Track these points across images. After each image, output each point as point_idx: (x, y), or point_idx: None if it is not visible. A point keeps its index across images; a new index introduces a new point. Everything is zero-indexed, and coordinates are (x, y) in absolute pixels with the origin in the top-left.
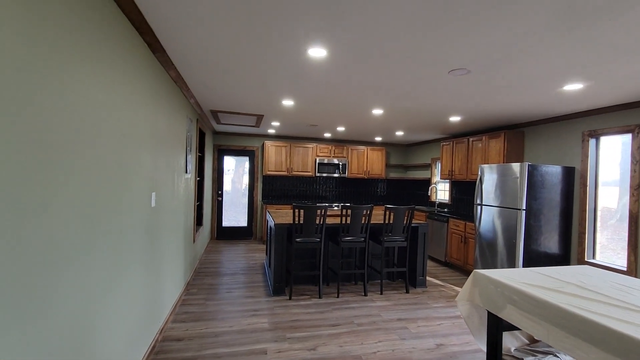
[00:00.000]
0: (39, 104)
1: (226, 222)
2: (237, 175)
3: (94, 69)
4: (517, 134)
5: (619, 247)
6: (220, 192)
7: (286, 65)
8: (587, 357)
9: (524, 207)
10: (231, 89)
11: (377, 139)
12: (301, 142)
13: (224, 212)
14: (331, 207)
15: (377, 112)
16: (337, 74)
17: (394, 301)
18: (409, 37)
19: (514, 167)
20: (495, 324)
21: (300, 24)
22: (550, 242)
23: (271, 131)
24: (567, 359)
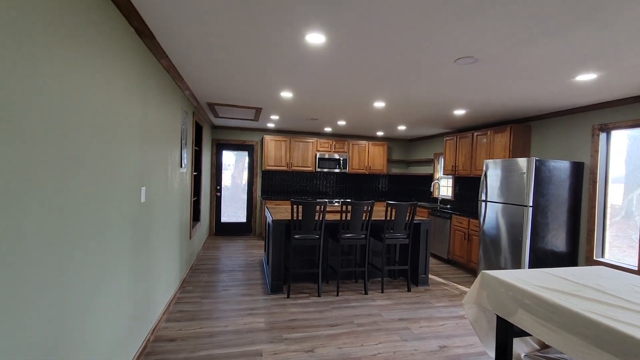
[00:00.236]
0: None
1: (225, 218)
2: (237, 170)
3: (68, 51)
4: (524, 128)
5: (625, 245)
6: (218, 188)
7: (284, 53)
8: None
9: (531, 203)
10: (227, 79)
11: (379, 133)
12: (301, 137)
13: (223, 208)
14: (331, 203)
15: (379, 104)
16: (337, 63)
17: (395, 300)
18: (414, 23)
19: (521, 163)
20: (504, 330)
21: (298, 6)
22: (557, 240)
23: (270, 125)
24: None
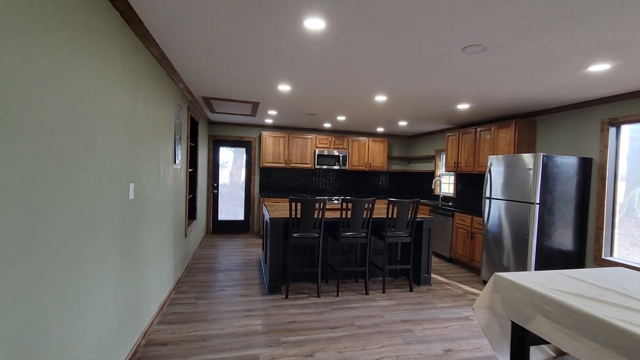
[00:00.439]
0: None
1: (222, 216)
2: (235, 167)
3: (39, 32)
4: (529, 123)
5: (627, 242)
6: (215, 185)
7: (281, 40)
8: None
9: (538, 200)
10: (222, 71)
11: (379, 129)
12: (300, 133)
13: (221, 206)
14: (331, 201)
15: (380, 98)
16: (337, 53)
17: (397, 300)
18: (420, 6)
19: (528, 158)
20: (520, 337)
21: None
22: (564, 239)
23: (268, 121)
24: None
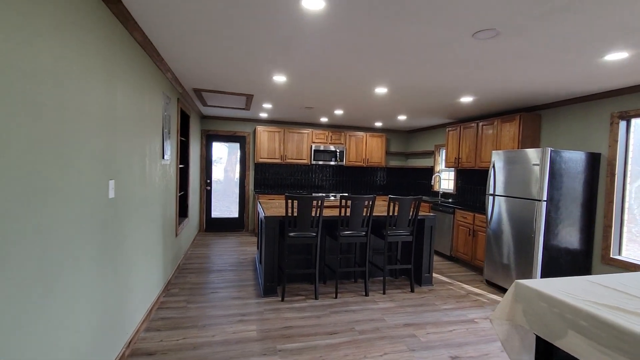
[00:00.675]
0: None
1: (216, 213)
2: (230, 163)
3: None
4: (534, 118)
5: (626, 239)
6: (209, 181)
7: (277, 23)
8: None
9: (545, 197)
10: (214, 60)
11: (377, 124)
12: (296, 127)
13: (214, 203)
14: (328, 198)
15: (381, 90)
16: (337, 38)
17: (399, 302)
18: None
19: (534, 154)
20: (546, 354)
21: None
22: (571, 237)
23: (263, 115)
24: None
